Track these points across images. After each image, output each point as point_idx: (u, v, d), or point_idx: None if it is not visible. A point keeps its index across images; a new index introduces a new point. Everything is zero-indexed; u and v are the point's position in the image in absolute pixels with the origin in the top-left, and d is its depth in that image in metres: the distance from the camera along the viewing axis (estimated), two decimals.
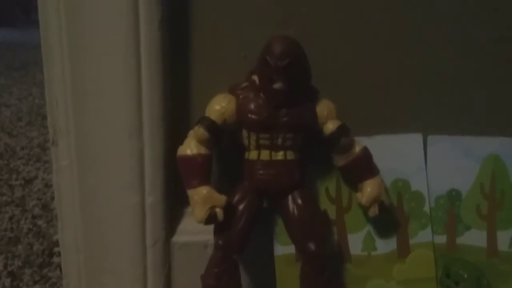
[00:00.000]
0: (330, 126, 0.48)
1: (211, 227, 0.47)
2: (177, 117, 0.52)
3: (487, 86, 0.56)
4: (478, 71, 0.56)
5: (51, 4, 0.48)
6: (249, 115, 0.46)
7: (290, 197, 0.48)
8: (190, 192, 0.46)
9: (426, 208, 0.54)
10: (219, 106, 0.47)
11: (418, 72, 0.55)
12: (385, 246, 0.53)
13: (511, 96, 0.57)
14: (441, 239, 0.54)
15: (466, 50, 0.55)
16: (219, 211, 0.45)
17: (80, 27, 0.48)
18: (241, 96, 0.47)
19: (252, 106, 0.46)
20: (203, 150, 0.46)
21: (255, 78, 0.47)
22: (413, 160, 0.54)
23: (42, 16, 0.49)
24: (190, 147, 0.46)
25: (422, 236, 0.54)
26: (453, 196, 0.55)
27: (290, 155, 0.48)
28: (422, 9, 0.53)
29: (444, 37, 0.54)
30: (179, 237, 0.54)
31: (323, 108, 0.48)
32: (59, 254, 0.58)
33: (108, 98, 0.49)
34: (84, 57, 0.48)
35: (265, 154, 0.47)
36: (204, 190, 0.45)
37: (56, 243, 0.62)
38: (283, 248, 0.51)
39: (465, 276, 0.49)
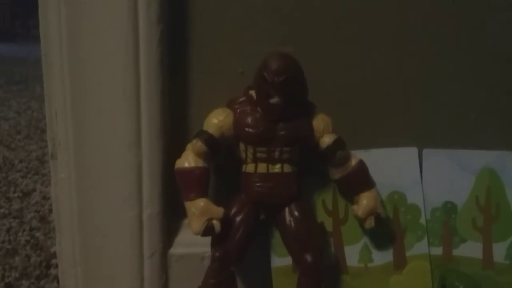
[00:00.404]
0: (327, 140, 0.49)
1: (208, 239, 0.48)
2: (175, 130, 0.53)
3: (483, 100, 0.57)
4: (474, 85, 0.56)
5: (52, 19, 0.49)
6: (246, 129, 0.47)
7: (287, 210, 0.49)
8: (188, 205, 0.46)
9: (422, 221, 0.54)
10: (217, 120, 0.47)
11: (414, 86, 0.56)
12: (382, 258, 0.53)
13: (506, 110, 0.57)
14: (437, 251, 0.54)
15: (462, 65, 0.56)
16: (216, 223, 0.46)
17: (80, 43, 0.48)
18: (238, 110, 0.48)
19: (249, 120, 0.47)
20: (200, 163, 0.47)
21: (253, 93, 0.48)
22: (409, 173, 0.55)
23: (43, 31, 0.50)
24: (188, 160, 0.47)
25: (418, 248, 0.54)
26: (449, 208, 0.55)
27: (287, 168, 0.48)
28: (419, 25, 0.54)
29: (440, 51, 0.55)
30: (176, 249, 0.54)
31: (320, 122, 0.49)
32: (56, 266, 0.58)
33: (107, 111, 0.50)
34: (84, 71, 0.49)
35: (262, 167, 0.48)
36: (201, 203, 0.46)
37: (54, 255, 0.62)
38: (280, 260, 0.51)
39: None
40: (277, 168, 0.48)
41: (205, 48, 0.52)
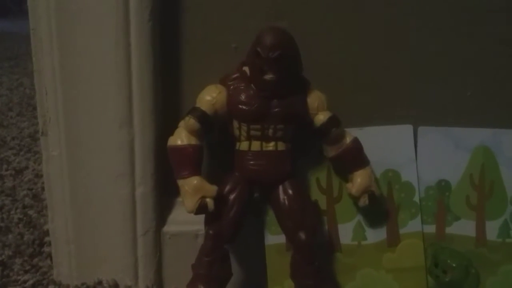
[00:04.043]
0: (321, 117, 0.48)
1: (202, 217, 0.48)
2: (167, 107, 0.52)
3: (478, 78, 0.56)
4: (470, 62, 0.56)
5: None
6: (240, 106, 0.46)
7: (281, 188, 0.48)
8: (181, 183, 0.46)
9: (416, 198, 0.54)
10: (210, 97, 0.47)
11: (408, 64, 0.55)
12: (375, 235, 0.54)
13: (500, 87, 0.57)
14: (431, 228, 0.55)
15: (456, 42, 0.55)
16: (209, 202, 0.45)
17: (69, 17, 0.47)
18: (231, 87, 0.47)
19: (243, 97, 0.46)
20: (193, 141, 0.46)
21: (246, 69, 0.47)
22: (403, 151, 0.55)
23: (31, 6, 0.48)
24: (180, 138, 0.46)
25: (411, 226, 0.54)
26: (443, 186, 0.55)
27: (281, 146, 0.48)
28: (412, 3, 0.53)
29: (435, 28, 0.54)
30: (170, 227, 0.54)
31: (314, 99, 0.48)
32: (50, 243, 0.57)
33: (98, 88, 0.49)
34: (74, 47, 0.48)
35: (256, 145, 0.47)
36: (194, 181, 0.45)
37: (47, 233, 0.62)
38: (274, 238, 0.51)
39: (453, 265, 0.50)
40: (271, 146, 0.47)
41: (197, 23, 0.51)
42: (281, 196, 0.48)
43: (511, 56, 0.56)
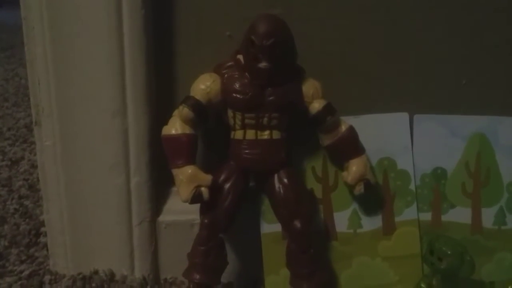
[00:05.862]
0: (316, 106, 0.48)
1: (197, 206, 0.47)
2: (161, 96, 0.52)
3: (473, 65, 0.56)
4: (465, 50, 0.55)
5: None
6: (234, 95, 0.46)
7: (276, 176, 0.48)
8: (175, 172, 0.46)
9: (412, 186, 0.54)
10: (204, 86, 0.46)
11: (404, 51, 0.55)
12: (371, 223, 0.54)
13: (496, 75, 0.57)
14: (426, 216, 0.55)
15: (452, 30, 0.55)
16: (204, 191, 0.45)
17: (61, 6, 0.47)
18: (226, 76, 0.47)
19: (237, 85, 0.46)
20: (188, 130, 0.46)
21: (240, 57, 0.46)
22: (399, 139, 0.55)
23: None
24: (175, 127, 0.46)
25: (407, 213, 0.54)
26: (439, 174, 0.55)
27: (276, 135, 0.48)
28: None
29: (430, 16, 0.54)
30: (165, 217, 0.54)
31: (309, 87, 0.48)
32: (46, 234, 0.57)
33: (91, 77, 0.49)
34: (66, 36, 0.48)
35: (250, 134, 0.47)
36: (189, 170, 0.45)
37: (43, 223, 0.62)
38: (270, 226, 0.51)
39: (449, 253, 0.50)
40: (266, 134, 0.47)
41: (191, 11, 0.51)
42: (277, 184, 0.48)
43: (506, 44, 0.56)
